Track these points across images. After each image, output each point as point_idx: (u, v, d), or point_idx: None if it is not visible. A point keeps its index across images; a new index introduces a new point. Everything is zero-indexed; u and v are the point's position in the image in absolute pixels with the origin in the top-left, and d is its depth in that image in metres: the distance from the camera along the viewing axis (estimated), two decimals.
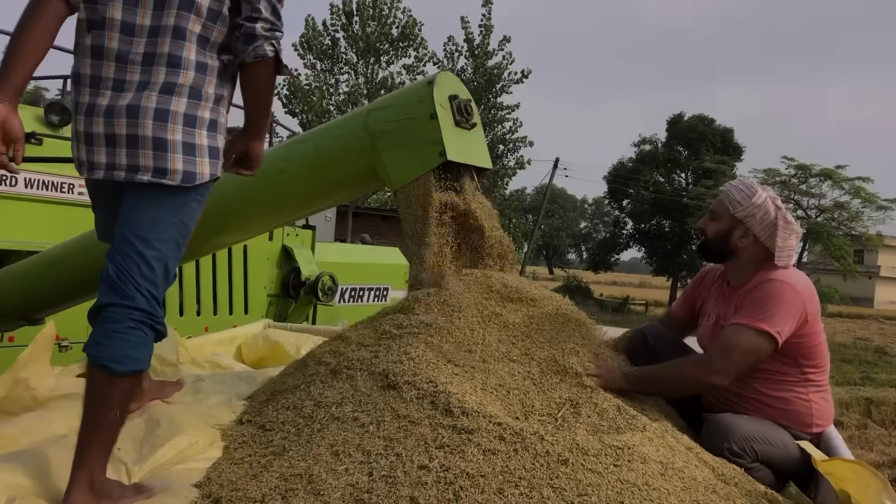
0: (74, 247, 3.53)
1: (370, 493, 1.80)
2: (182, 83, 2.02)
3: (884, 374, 16.69)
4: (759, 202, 2.59)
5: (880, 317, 38.53)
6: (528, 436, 1.93)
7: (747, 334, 2.42)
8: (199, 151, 2.04)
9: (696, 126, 39.17)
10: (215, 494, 1.89)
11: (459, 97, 2.85)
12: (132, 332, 1.92)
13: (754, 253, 2.62)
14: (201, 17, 2.06)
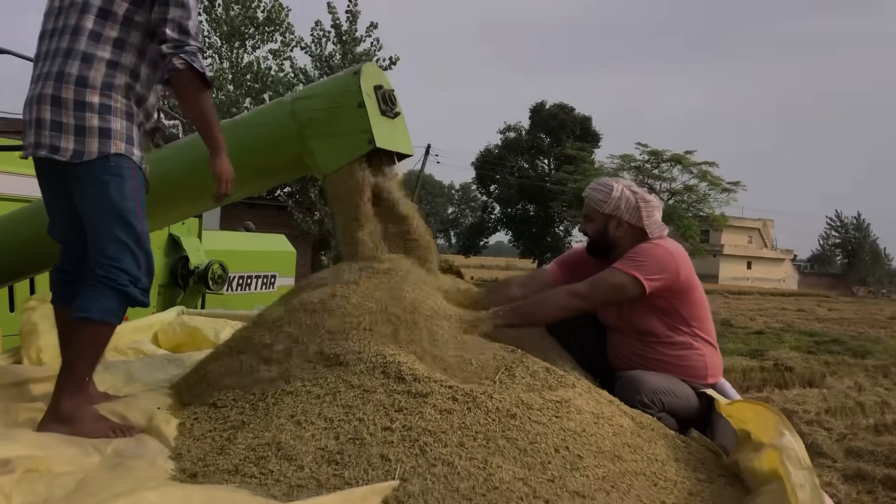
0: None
1: (341, 454, 1.96)
2: (69, 72, 2.35)
3: (731, 343, 18.08)
4: (618, 194, 2.99)
5: (725, 292, 41.57)
6: (478, 395, 2.14)
7: (617, 275, 2.81)
8: (88, 132, 2.35)
9: (557, 114, 40.68)
10: (189, 469, 1.98)
11: (384, 87, 2.98)
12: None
13: (630, 236, 3.00)
14: (91, 14, 2.39)
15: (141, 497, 1.67)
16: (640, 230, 2.98)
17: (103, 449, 2.08)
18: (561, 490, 1.82)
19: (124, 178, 2.39)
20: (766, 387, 12.66)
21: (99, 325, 2.33)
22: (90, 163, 2.35)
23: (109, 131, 2.37)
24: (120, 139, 2.38)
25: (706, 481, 2.03)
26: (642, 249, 2.87)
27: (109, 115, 2.37)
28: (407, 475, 1.86)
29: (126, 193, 2.39)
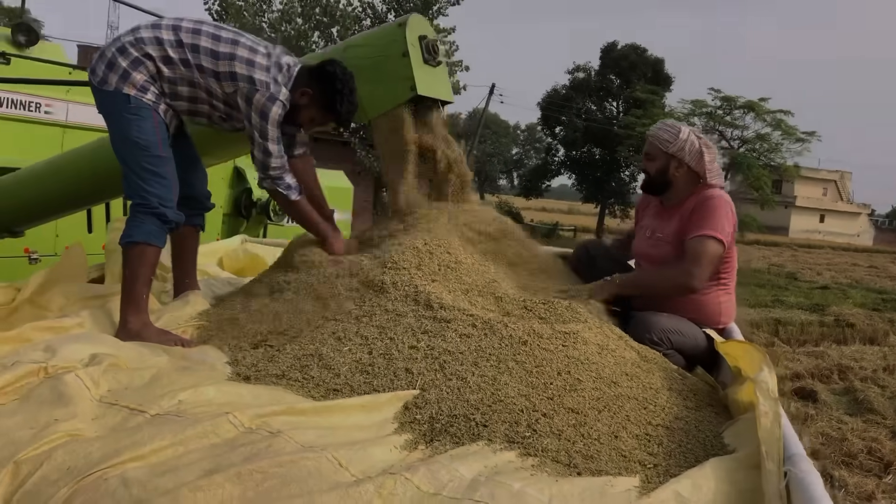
0: (57, 165, 3.81)
1: (372, 366, 2.27)
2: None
3: (793, 297, 17.97)
4: (685, 136, 3.14)
5: (794, 245, 40.72)
6: (494, 323, 2.42)
7: (708, 242, 2.99)
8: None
9: (629, 55, 39.69)
10: (243, 373, 2.32)
11: (428, 37, 3.20)
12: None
13: (686, 179, 3.18)
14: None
15: (201, 391, 2.03)
16: (696, 174, 3.15)
17: (173, 353, 2.44)
18: (558, 406, 2.09)
19: (143, 116, 2.76)
20: (824, 341, 12.63)
21: (144, 246, 2.72)
22: (112, 94, 2.75)
23: (129, 75, 2.76)
24: (134, 84, 2.76)
25: (694, 409, 2.27)
26: (712, 207, 3.03)
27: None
28: (426, 386, 2.17)
29: (147, 127, 2.76)
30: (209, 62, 2.79)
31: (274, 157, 2.85)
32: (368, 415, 2.03)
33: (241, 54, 2.79)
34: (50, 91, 4.74)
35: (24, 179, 3.92)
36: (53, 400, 1.90)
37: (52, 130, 4.78)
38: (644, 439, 2.04)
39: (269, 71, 2.80)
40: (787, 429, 1.85)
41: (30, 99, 4.73)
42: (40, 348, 2.22)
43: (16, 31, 4.74)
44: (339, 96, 2.84)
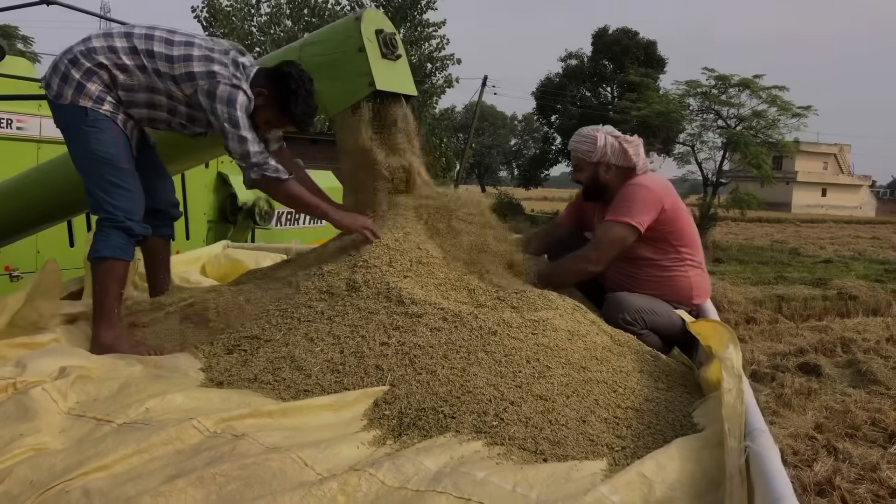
0: (25, 181, 3.76)
1: (343, 365, 2.28)
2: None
3: (796, 272, 17.94)
4: (602, 142, 3.21)
5: (797, 220, 40.62)
6: (464, 315, 2.43)
7: (613, 227, 3.04)
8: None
9: (621, 39, 39.56)
10: (216, 378, 2.33)
11: (385, 31, 3.15)
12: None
13: (619, 176, 3.24)
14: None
15: (169, 398, 2.04)
16: (628, 168, 3.21)
17: (146, 362, 2.45)
18: (526, 394, 2.09)
19: (102, 128, 2.74)
20: (828, 315, 12.64)
21: (112, 261, 2.73)
22: (68, 108, 2.74)
23: (83, 87, 2.74)
24: (89, 96, 2.74)
25: (665, 389, 2.28)
26: (625, 194, 3.10)
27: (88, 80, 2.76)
28: (396, 381, 2.18)
29: (106, 139, 2.74)
30: (165, 66, 2.77)
31: (251, 142, 2.78)
32: (336, 413, 2.04)
33: (197, 53, 2.77)
34: (21, 106, 4.70)
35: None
36: (19, 415, 1.91)
37: (26, 146, 4.74)
38: (612, 423, 2.05)
39: (226, 67, 2.77)
40: (751, 405, 1.85)
41: (0, 115, 4.70)
42: (11, 364, 2.23)
43: None
44: (293, 97, 2.79)
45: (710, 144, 30.19)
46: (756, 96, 30.96)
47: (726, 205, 29.70)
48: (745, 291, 14.26)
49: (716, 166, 30.01)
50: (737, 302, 13.02)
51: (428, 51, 23.74)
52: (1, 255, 4.37)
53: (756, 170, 29.02)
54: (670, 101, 31.41)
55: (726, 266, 19.17)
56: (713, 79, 31.08)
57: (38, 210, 3.71)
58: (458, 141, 32.00)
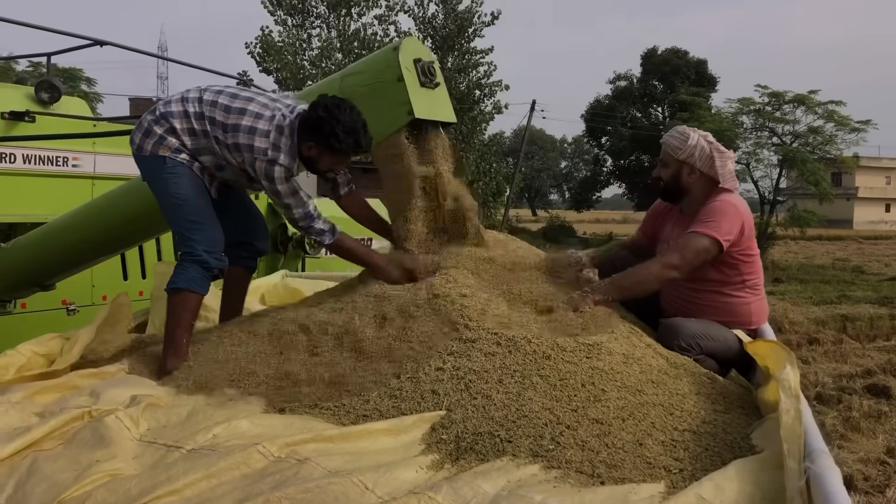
0: (79, 216, 3.90)
1: (400, 391, 2.33)
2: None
3: (860, 291, 17.42)
4: (694, 142, 3.13)
5: (859, 237, 39.47)
6: (518, 340, 2.46)
7: (699, 239, 2.97)
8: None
9: (670, 59, 39.35)
10: (278, 405, 2.39)
11: (423, 60, 3.19)
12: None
13: (702, 184, 3.16)
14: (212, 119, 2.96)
15: (235, 424, 2.12)
16: (712, 179, 3.14)
17: (210, 391, 2.53)
18: (582, 418, 2.11)
19: (178, 173, 2.92)
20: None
21: (185, 293, 2.86)
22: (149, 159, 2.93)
23: (164, 139, 2.93)
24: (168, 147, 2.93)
25: (723, 412, 2.26)
26: (714, 209, 3.02)
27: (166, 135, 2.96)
28: (452, 406, 2.22)
29: (182, 183, 2.91)
30: (221, 134, 2.91)
31: (294, 208, 2.93)
32: (395, 438, 2.09)
33: (245, 123, 2.87)
34: (76, 144, 4.88)
35: (51, 232, 4.03)
36: (95, 442, 2.01)
37: (81, 183, 4.94)
38: (669, 445, 2.05)
39: (268, 136, 2.84)
40: (810, 425, 1.84)
41: (57, 154, 4.88)
42: (86, 393, 2.35)
43: (39, 89, 4.88)
44: (334, 137, 2.82)
45: (765, 162, 29.58)
46: (812, 112, 30.36)
47: (784, 223, 29.05)
48: (806, 311, 13.90)
49: (772, 184, 29.39)
50: (798, 322, 12.70)
51: (476, 78, 23.93)
52: (58, 289, 4.49)
53: (814, 187, 28.40)
54: (723, 119, 30.94)
55: (786, 286, 18.72)
56: (766, 95, 30.60)
57: (93, 244, 3.85)
58: (507, 165, 32.07)
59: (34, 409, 2.30)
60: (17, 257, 4.11)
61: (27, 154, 4.75)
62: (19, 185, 4.71)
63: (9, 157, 4.64)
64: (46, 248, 4.00)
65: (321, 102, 2.87)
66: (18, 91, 4.96)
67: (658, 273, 2.97)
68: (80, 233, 3.84)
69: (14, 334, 4.17)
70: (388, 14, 23.58)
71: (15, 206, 4.64)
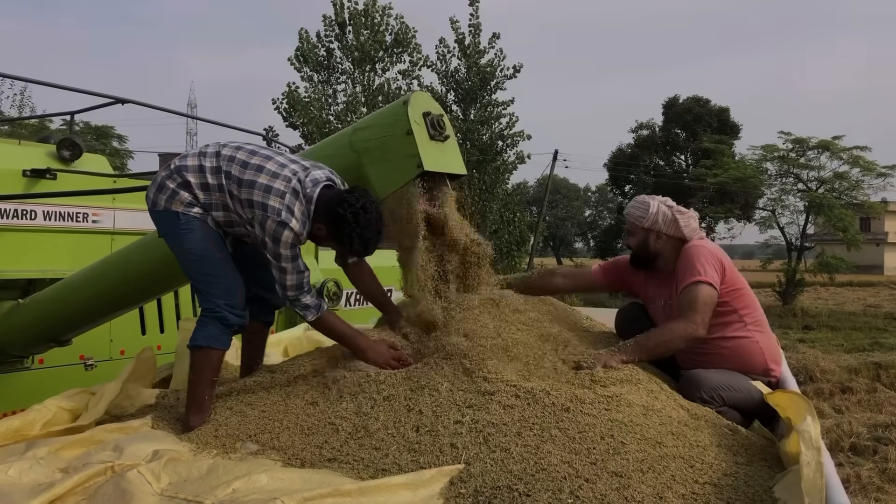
0: (96, 271, 3.92)
1: (419, 444, 2.33)
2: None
3: (893, 338, 17.10)
4: (655, 209, 3.26)
5: (890, 283, 38.84)
6: (537, 392, 2.46)
7: (697, 288, 3.03)
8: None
9: (692, 108, 39.52)
10: (297, 459, 2.40)
11: (432, 113, 3.23)
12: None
13: (671, 245, 3.27)
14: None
15: (254, 478, 2.13)
16: (679, 239, 3.25)
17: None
18: (601, 471, 2.10)
19: (192, 228, 2.92)
20: None
21: (206, 350, 2.87)
22: (163, 214, 2.96)
23: (177, 194, 2.95)
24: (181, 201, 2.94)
25: (744, 464, 2.23)
26: (688, 257, 3.11)
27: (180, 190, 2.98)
28: (471, 459, 2.22)
29: (197, 237, 2.93)
30: (236, 189, 2.91)
31: (289, 275, 2.88)
32: (414, 492, 2.09)
33: (262, 181, 2.86)
34: (96, 200, 4.91)
35: (68, 288, 4.04)
36: (117, 497, 2.03)
37: (100, 238, 4.96)
38: (690, 498, 2.02)
39: (283, 198, 2.82)
40: (832, 477, 1.81)
41: (77, 210, 4.90)
42: (109, 448, 2.37)
43: (60, 147, 4.95)
44: (348, 239, 2.84)
45: (791, 208, 29.39)
46: (836, 157, 30.25)
47: (813, 269, 28.71)
48: (838, 359, 13.66)
49: (799, 230, 29.14)
50: (830, 371, 12.46)
51: (498, 129, 24.17)
52: (75, 344, 4.46)
53: (842, 233, 28.15)
54: (747, 166, 30.89)
55: (817, 333, 18.44)
56: (790, 142, 30.58)
57: (110, 299, 3.86)
58: (532, 214, 32.16)
59: (59, 465, 2.34)
60: (35, 313, 4.13)
61: (47, 211, 4.78)
62: (39, 241, 4.74)
63: (29, 213, 4.69)
64: (63, 303, 4.01)
65: (349, 201, 2.82)
66: (41, 149, 5.04)
67: (683, 332, 2.99)
68: (97, 288, 3.85)
69: (32, 390, 4.20)
70: (412, 69, 24.01)
71: (34, 262, 4.66)
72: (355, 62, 23.66)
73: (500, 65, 23.65)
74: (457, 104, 24.03)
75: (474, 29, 23.44)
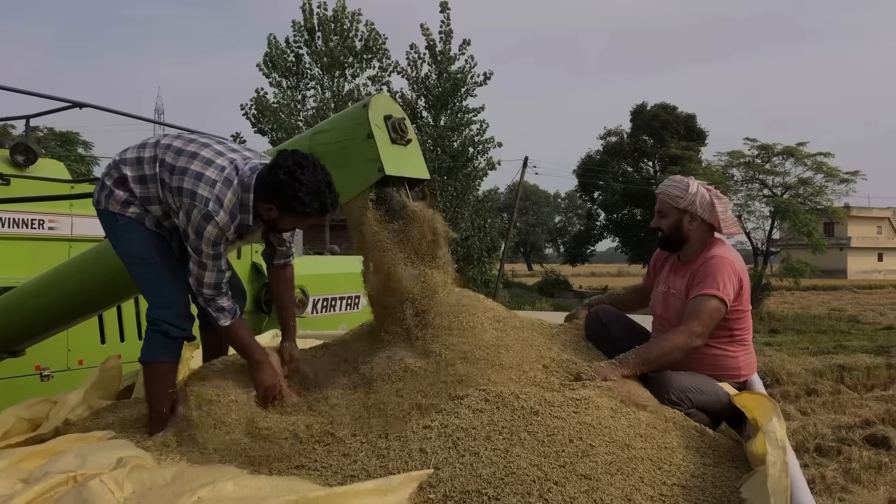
0: (50, 279, 3.78)
1: (388, 450, 2.32)
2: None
3: (856, 341, 17.40)
4: (694, 190, 3.16)
5: (854, 287, 39.59)
6: (506, 396, 2.46)
7: (709, 300, 2.99)
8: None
9: (659, 115, 40.03)
10: (264, 466, 2.37)
11: (394, 116, 3.15)
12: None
13: (701, 232, 3.19)
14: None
15: (220, 486, 2.10)
16: (711, 226, 3.17)
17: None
18: (570, 474, 2.10)
19: (130, 230, 2.81)
20: (893, 384, 12.18)
21: (154, 364, 2.80)
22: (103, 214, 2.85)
23: (112, 193, 2.83)
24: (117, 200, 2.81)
25: (711, 465, 2.25)
26: (713, 267, 3.04)
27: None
28: (440, 464, 2.20)
29: (134, 240, 2.81)
30: (168, 176, 2.76)
31: (208, 273, 2.74)
32: (382, 498, 2.07)
33: (194, 168, 2.72)
34: (53, 207, 4.76)
35: (20, 296, 3.90)
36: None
37: (57, 246, 4.82)
38: (658, 500, 2.03)
39: (214, 186, 2.68)
40: (797, 478, 1.83)
41: (32, 217, 4.75)
42: (71, 457, 2.32)
43: (14, 152, 4.84)
44: (297, 202, 2.66)
45: (757, 214, 29.79)
46: (801, 164, 30.75)
47: (779, 274, 29.15)
48: (803, 362, 13.86)
49: (765, 235, 29.56)
50: (796, 373, 12.65)
51: (469, 135, 24.22)
52: (30, 354, 4.30)
53: (807, 237, 28.60)
54: (713, 172, 31.27)
55: (783, 336, 18.71)
56: (756, 148, 31.02)
57: (64, 307, 3.72)
58: (502, 221, 32.27)
59: (19, 476, 2.28)
60: None
61: (1, 217, 4.63)
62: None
63: None
64: (17, 311, 3.86)
65: (281, 163, 2.67)
66: None
67: (683, 343, 2.97)
68: (53, 295, 3.70)
69: None
70: (382, 75, 23.98)
71: None
72: (324, 68, 23.57)
73: (471, 71, 23.74)
74: (427, 110, 24.06)
75: (445, 35, 23.50)
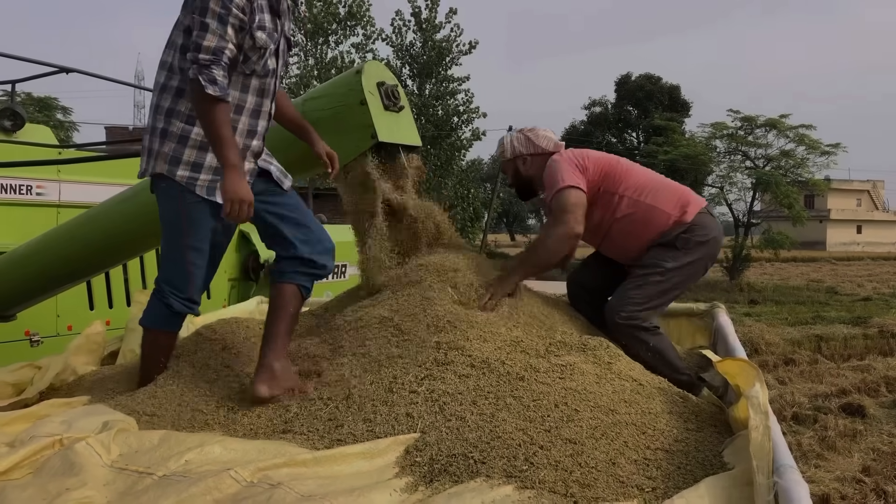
0: (41, 244, 3.80)
1: (375, 414, 2.33)
2: (155, 103, 2.68)
3: (833, 312, 17.61)
4: (508, 140, 3.44)
5: (832, 259, 40.05)
6: (492, 361, 2.47)
7: (560, 195, 3.13)
8: (147, 153, 2.66)
9: (644, 85, 39.89)
10: (251, 429, 2.38)
11: (387, 83, 3.17)
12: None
13: (538, 164, 3.38)
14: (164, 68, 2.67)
15: (207, 449, 2.10)
16: (541, 155, 3.37)
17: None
18: (555, 438, 2.12)
19: (170, 197, 2.64)
20: (869, 354, 12.35)
21: (155, 332, 2.76)
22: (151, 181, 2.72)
23: (158, 154, 2.63)
24: (164, 160, 2.61)
25: (695, 430, 2.29)
26: (548, 171, 3.24)
27: (166, 140, 2.61)
28: (426, 428, 2.22)
29: (171, 212, 2.67)
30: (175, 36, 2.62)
31: (209, 34, 2.43)
32: (369, 461, 2.09)
33: None
34: (40, 172, 4.72)
35: (9, 262, 3.91)
36: (65, 470, 1.98)
37: (45, 212, 4.79)
38: (642, 464, 2.06)
39: None
40: (779, 441, 1.86)
41: (20, 182, 4.70)
42: (57, 421, 2.31)
43: (1, 117, 4.80)
44: None
45: (739, 185, 29.94)
46: (783, 136, 30.86)
47: (759, 245, 29.39)
48: (782, 332, 14.02)
49: (746, 207, 29.73)
50: (774, 343, 12.80)
51: (454, 105, 24.13)
52: (21, 319, 4.34)
53: (787, 209, 28.81)
54: (697, 143, 31.34)
55: (762, 307, 18.90)
56: (739, 120, 31.08)
57: (54, 272, 3.73)
58: (486, 191, 32.25)
59: (4, 440, 2.27)
60: None
61: None
62: None
63: None
64: (7, 276, 3.87)
65: None
66: None
67: (559, 233, 3.09)
68: (41, 261, 3.72)
69: None
70: (366, 42, 23.78)
71: None
72: (308, 35, 23.34)
73: (457, 40, 23.58)
74: (412, 79, 23.91)
75: (431, 3, 23.29)
